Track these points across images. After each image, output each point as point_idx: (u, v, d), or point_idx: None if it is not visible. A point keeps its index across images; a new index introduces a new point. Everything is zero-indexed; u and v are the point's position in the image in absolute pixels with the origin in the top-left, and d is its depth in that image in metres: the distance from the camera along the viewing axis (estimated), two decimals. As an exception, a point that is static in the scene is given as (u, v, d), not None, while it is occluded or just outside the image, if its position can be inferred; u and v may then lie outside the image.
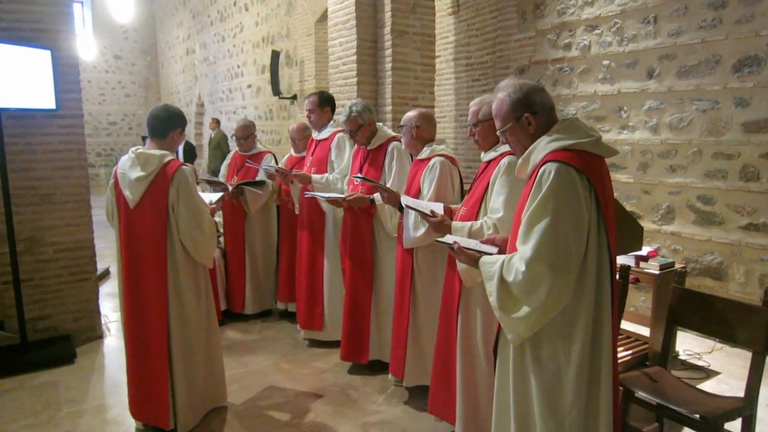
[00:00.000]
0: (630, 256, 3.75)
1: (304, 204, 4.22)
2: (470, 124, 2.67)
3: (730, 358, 3.98)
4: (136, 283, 2.91)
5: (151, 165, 2.82)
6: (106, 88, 16.99)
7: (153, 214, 2.83)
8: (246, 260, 4.82)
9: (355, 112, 3.61)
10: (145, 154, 2.85)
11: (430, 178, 3.08)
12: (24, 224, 4.03)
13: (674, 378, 2.73)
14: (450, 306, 2.81)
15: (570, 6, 5.38)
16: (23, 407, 3.34)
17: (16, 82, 3.67)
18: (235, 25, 11.91)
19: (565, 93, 5.43)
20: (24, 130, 3.99)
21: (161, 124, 2.91)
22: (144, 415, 3.00)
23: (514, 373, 1.96)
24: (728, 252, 4.32)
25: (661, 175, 4.73)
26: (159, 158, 2.84)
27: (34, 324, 4.10)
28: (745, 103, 4.16)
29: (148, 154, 2.85)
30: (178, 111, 3.01)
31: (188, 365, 2.99)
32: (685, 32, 4.48)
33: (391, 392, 3.50)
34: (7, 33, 3.83)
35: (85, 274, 4.34)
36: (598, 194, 1.83)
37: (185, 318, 2.94)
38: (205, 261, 3.02)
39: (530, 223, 1.81)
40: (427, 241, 3.04)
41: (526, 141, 1.97)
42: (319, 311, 4.18)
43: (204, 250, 2.97)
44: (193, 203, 2.88)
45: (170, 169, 2.83)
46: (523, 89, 1.96)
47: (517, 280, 1.82)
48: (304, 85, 9.30)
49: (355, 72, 5.36)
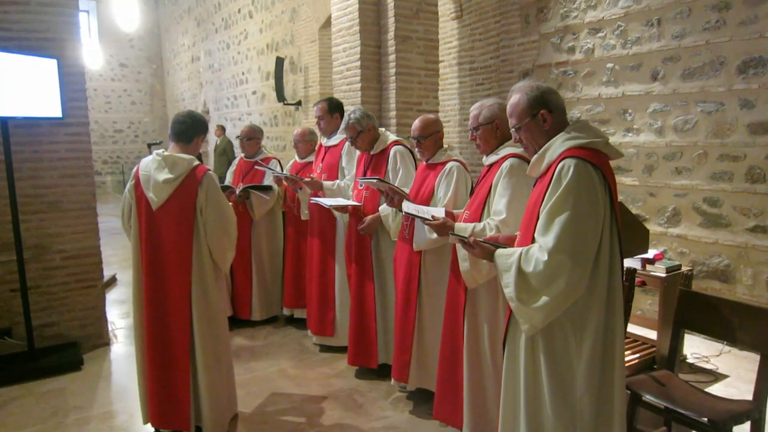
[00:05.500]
0: (636, 259, 3.74)
1: (315, 210, 4.22)
2: (471, 128, 2.68)
3: (738, 361, 3.95)
4: (157, 284, 2.91)
5: (179, 168, 2.86)
6: (112, 96, 17.12)
7: (179, 216, 2.87)
8: (252, 267, 4.83)
9: (353, 120, 3.63)
10: (172, 157, 2.88)
11: (446, 183, 3.08)
12: (31, 232, 4.05)
13: (682, 381, 2.71)
14: (455, 311, 2.80)
15: (573, 9, 5.38)
16: (31, 414, 3.35)
17: (23, 91, 3.70)
18: (240, 32, 11.98)
19: (569, 96, 5.42)
20: (31, 139, 4.01)
21: (188, 129, 2.98)
22: (164, 421, 2.97)
23: (526, 365, 1.99)
24: (735, 254, 4.29)
25: (667, 177, 4.72)
26: (188, 162, 2.89)
27: (41, 331, 4.12)
28: (750, 104, 4.14)
29: (176, 157, 2.88)
30: (203, 117, 3.11)
31: (214, 370, 3.00)
32: (690, 34, 4.47)
33: (398, 397, 3.50)
34: (14, 42, 3.86)
35: (91, 281, 4.35)
36: (612, 191, 1.90)
37: (211, 319, 2.98)
38: (226, 265, 3.09)
39: (551, 216, 1.86)
40: (439, 243, 3.03)
41: (540, 138, 2.03)
42: (331, 317, 4.19)
43: (228, 255, 3.05)
44: (221, 208, 2.95)
45: (199, 173, 2.90)
46: (540, 89, 2.04)
47: (537, 270, 1.86)
48: (309, 91, 9.33)
49: (359, 77, 5.37)
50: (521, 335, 2.00)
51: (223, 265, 3.07)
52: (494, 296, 2.63)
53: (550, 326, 1.91)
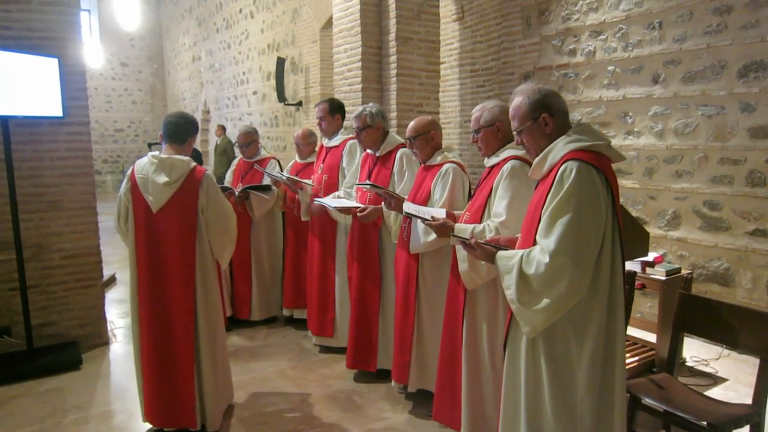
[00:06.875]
0: (636, 262, 3.74)
1: (316, 211, 4.22)
2: (473, 131, 2.68)
3: (737, 364, 3.95)
4: (157, 285, 2.93)
5: (178, 171, 2.89)
6: (112, 95, 17.12)
7: (181, 218, 2.90)
8: (252, 267, 4.83)
9: (367, 112, 3.63)
10: (170, 160, 2.90)
11: (442, 185, 3.07)
12: (31, 231, 4.05)
13: (681, 385, 2.71)
14: (455, 312, 2.81)
15: (574, 12, 5.38)
16: (29, 413, 3.34)
17: (24, 89, 3.70)
18: (241, 32, 11.98)
19: (570, 99, 5.42)
20: (31, 138, 4.02)
21: (181, 130, 3.01)
22: (167, 419, 2.99)
23: (526, 366, 1.99)
24: (735, 258, 4.29)
25: (667, 180, 4.72)
26: (186, 164, 2.92)
27: (40, 330, 4.11)
28: (751, 108, 4.14)
29: (174, 160, 2.91)
30: (194, 118, 3.15)
31: (215, 366, 3.06)
32: (691, 38, 4.48)
33: (397, 398, 3.49)
34: (15, 41, 3.86)
35: (91, 280, 4.35)
36: (614, 193, 1.90)
37: (211, 317, 3.03)
38: (225, 262, 3.18)
39: (552, 218, 1.86)
40: (435, 246, 3.04)
41: (541, 142, 2.03)
42: (331, 318, 4.18)
43: (228, 252, 3.13)
44: (222, 207, 3.03)
45: (198, 174, 2.94)
46: (541, 92, 2.03)
47: (539, 272, 1.86)
48: (310, 91, 9.34)
49: (360, 78, 5.38)
50: (522, 337, 2.00)
51: (223, 262, 3.15)
52: (493, 298, 2.64)
53: (551, 328, 1.91)
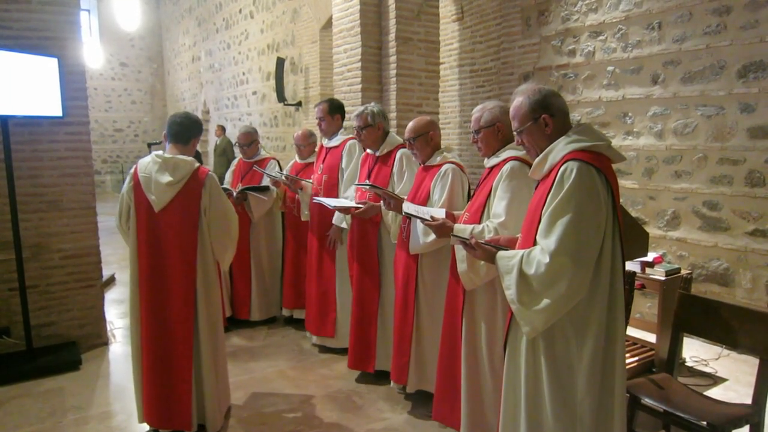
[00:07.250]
0: (635, 262, 3.74)
1: (315, 210, 4.21)
2: (473, 131, 2.68)
3: (737, 364, 3.95)
4: (158, 285, 2.92)
5: (182, 170, 2.88)
6: (112, 95, 17.12)
7: (183, 218, 2.90)
8: (251, 267, 4.82)
9: (369, 111, 3.64)
10: (174, 160, 2.90)
11: (441, 185, 3.07)
12: (30, 231, 4.05)
13: (681, 385, 2.72)
14: (454, 313, 2.81)
15: (574, 12, 5.39)
16: (29, 413, 3.34)
17: (24, 89, 3.70)
18: (241, 32, 11.98)
19: (570, 99, 5.42)
20: (31, 138, 4.01)
21: (186, 131, 3.02)
22: (164, 421, 2.98)
23: (526, 367, 1.99)
24: (734, 258, 4.30)
25: (667, 180, 4.72)
26: (190, 164, 2.92)
27: (39, 330, 4.11)
28: (750, 108, 4.15)
29: (178, 160, 2.90)
30: (199, 119, 3.15)
31: (216, 367, 3.05)
32: (690, 38, 4.48)
33: (396, 399, 3.49)
34: (15, 41, 3.86)
35: (90, 280, 4.35)
36: (614, 194, 1.90)
37: (212, 317, 3.03)
38: (226, 264, 3.18)
39: (553, 218, 1.86)
40: (435, 246, 3.04)
41: (542, 142, 2.03)
42: (332, 317, 4.18)
43: (229, 254, 3.13)
44: (224, 207, 3.02)
45: (201, 175, 2.94)
46: (542, 92, 2.03)
47: (539, 272, 1.85)
48: (309, 92, 9.34)
49: (359, 79, 5.38)
50: (522, 338, 1.99)
51: (224, 264, 3.15)
52: (492, 298, 2.64)
53: (551, 329, 1.91)
